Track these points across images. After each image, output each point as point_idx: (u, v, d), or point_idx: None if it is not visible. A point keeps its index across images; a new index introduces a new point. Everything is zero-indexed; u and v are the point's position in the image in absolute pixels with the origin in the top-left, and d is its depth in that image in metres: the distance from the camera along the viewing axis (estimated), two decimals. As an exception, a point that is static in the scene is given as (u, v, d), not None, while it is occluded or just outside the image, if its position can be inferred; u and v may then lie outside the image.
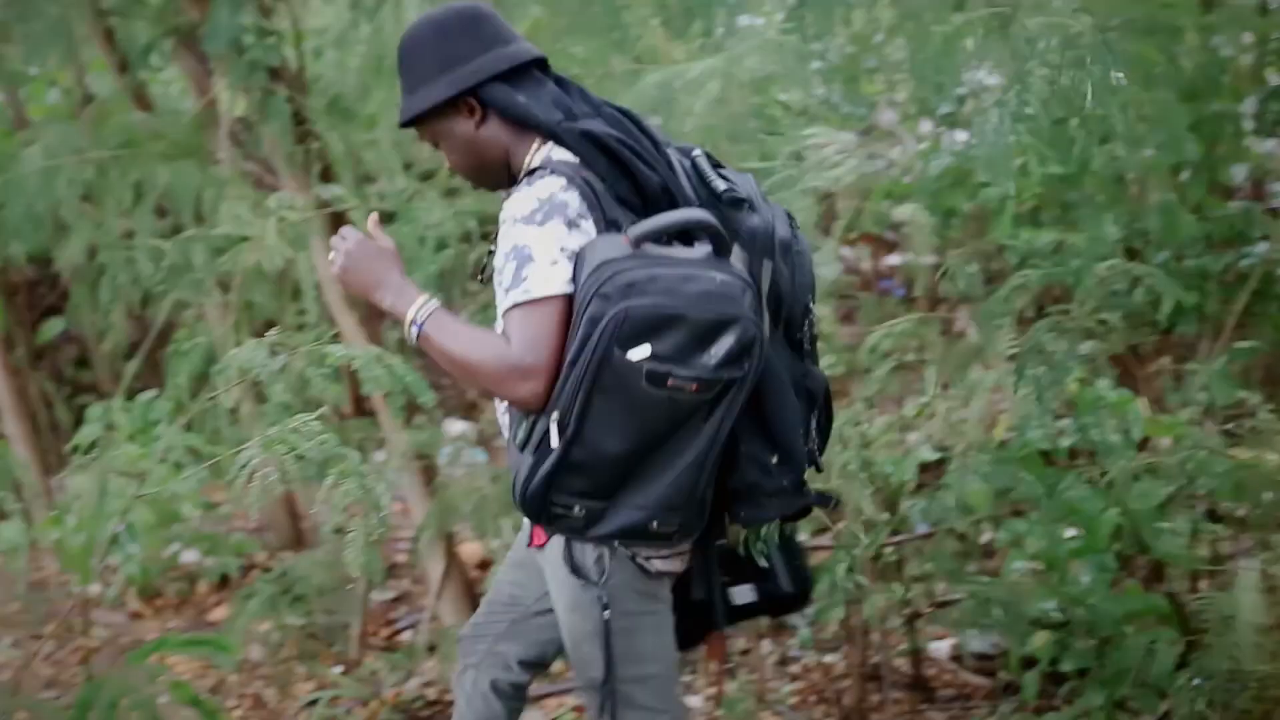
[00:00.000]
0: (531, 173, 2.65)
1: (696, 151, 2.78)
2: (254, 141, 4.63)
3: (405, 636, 5.01)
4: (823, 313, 4.31)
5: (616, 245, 2.52)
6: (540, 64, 2.76)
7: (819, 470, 2.85)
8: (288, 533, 5.66)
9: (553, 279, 2.53)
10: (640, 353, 2.46)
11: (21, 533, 1.59)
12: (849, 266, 5.57)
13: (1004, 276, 4.00)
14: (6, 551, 1.57)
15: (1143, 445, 3.67)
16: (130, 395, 5.74)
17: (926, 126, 4.21)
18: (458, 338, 2.58)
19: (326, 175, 4.70)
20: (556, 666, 4.51)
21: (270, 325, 3.55)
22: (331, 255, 2.74)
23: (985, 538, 4.32)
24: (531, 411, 2.55)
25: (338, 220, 4.43)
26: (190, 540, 5.50)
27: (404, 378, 2.52)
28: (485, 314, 4.11)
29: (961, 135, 3.62)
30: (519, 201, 2.58)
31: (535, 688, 4.42)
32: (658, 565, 2.70)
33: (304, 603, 4.75)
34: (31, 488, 5.16)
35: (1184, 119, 3.47)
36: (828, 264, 5.19)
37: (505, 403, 2.67)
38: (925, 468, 4.09)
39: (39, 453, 5.74)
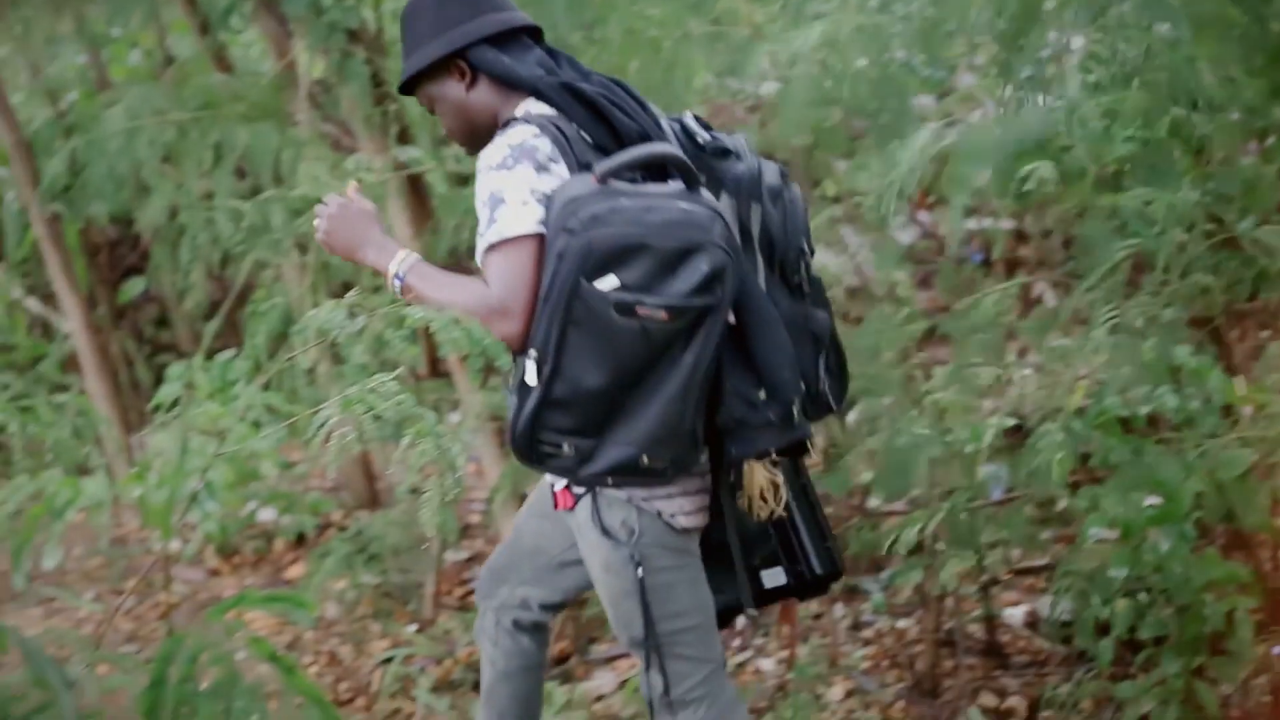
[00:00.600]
0: (507, 124, 2.74)
1: (686, 114, 2.89)
2: (332, 103, 4.64)
3: (478, 596, 5.04)
4: (899, 277, 4.30)
5: (585, 184, 2.59)
6: (532, 33, 2.85)
7: (835, 411, 2.91)
8: (363, 492, 5.70)
9: (524, 218, 2.60)
10: (608, 283, 2.52)
11: (105, 488, 1.62)
12: (927, 231, 5.53)
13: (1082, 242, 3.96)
14: (91, 507, 1.59)
15: (1227, 413, 3.62)
16: (209, 355, 5.80)
17: (1008, 90, 4.16)
18: (439, 285, 2.67)
19: (404, 137, 4.71)
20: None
21: (348, 287, 3.59)
22: (315, 221, 2.83)
23: (1061, 505, 4.28)
24: (514, 351, 2.62)
25: (414, 182, 4.44)
26: (267, 499, 5.56)
27: (482, 340, 2.53)
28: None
29: (1044, 99, 3.58)
30: (491, 150, 2.69)
31: (607, 649, 4.46)
32: (683, 521, 2.76)
33: (379, 562, 4.79)
34: (115, 443, 5.23)
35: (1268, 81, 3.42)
36: (905, 229, 5.16)
37: None
38: (1002, 434, 4.06)
39: (120, 410, 5.81)
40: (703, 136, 2.83)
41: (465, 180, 4.65)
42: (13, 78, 6.08)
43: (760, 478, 2.77)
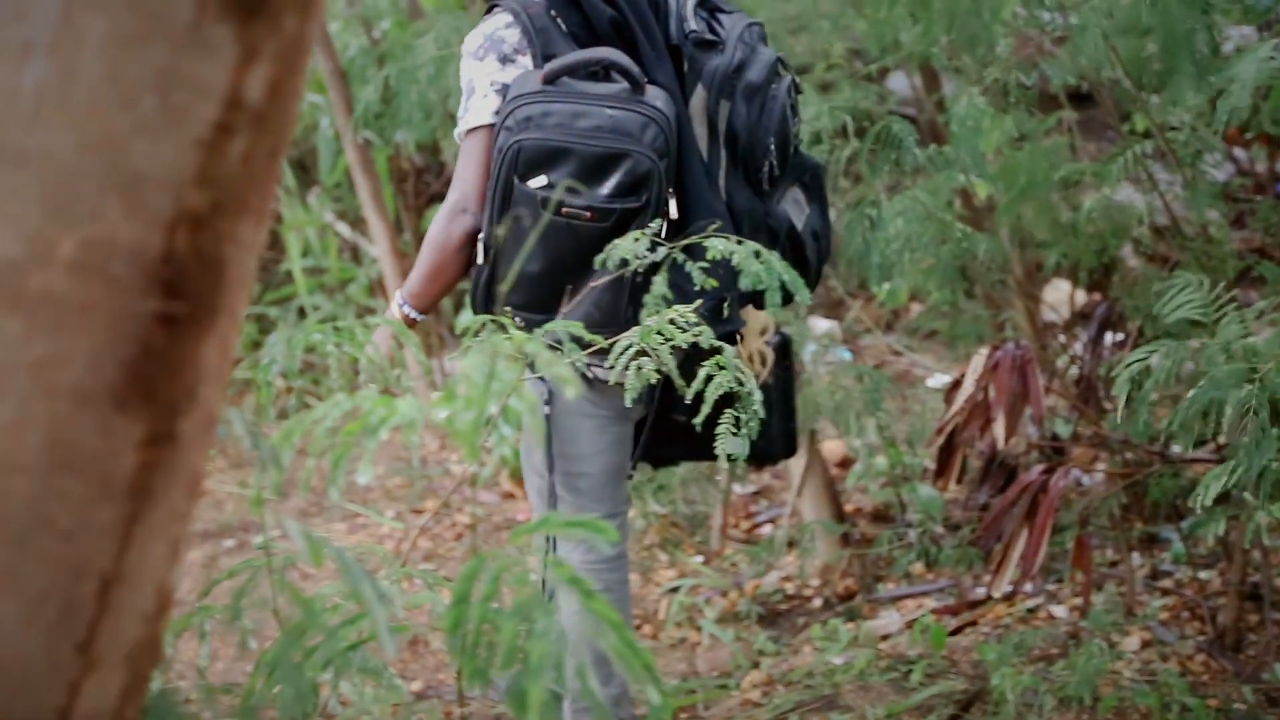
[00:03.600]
0: (493, 7, 2.95)
1: (688, 1, 3.05)
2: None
3: (765, 530, 5.05)
4: (1211, 216, 4.12)
5: (530, 81, 2.82)
6: None
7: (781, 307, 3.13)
8: (653, 422, 5.75)
9: (482, 111, 2.88)
10: (538, 182, 2.78)
11: (416, 409, 1.66)
12: (1242, 168, 5.29)
13: None
14: (403, 426, 1.64)
15: None
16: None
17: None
18: (419, 261, 3.02)
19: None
20: (917, 569, 4.50)
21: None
22: None
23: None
24: (477, 234, 2.91)
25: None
26: (560, 426, 5.65)
27: (781, 274, 2.52)
28: (854, 210, 4.05)
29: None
30: (471, 37, 2.97)
31: (893, 588, 4.42)
32: (599, 373, 2.90)
33: (667, 492, 4.84)
34: (420, 366, 5.37)
35: None
36: (1219, 166, 4.94)
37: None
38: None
39: (421, 335, 5.96)
40: (690, 24, 2.99)
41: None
42: (331, 6, 6.27)
43: (752, 345, 3.22)
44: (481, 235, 2.89)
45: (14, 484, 1.00)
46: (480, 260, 2.91)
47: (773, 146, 3.02)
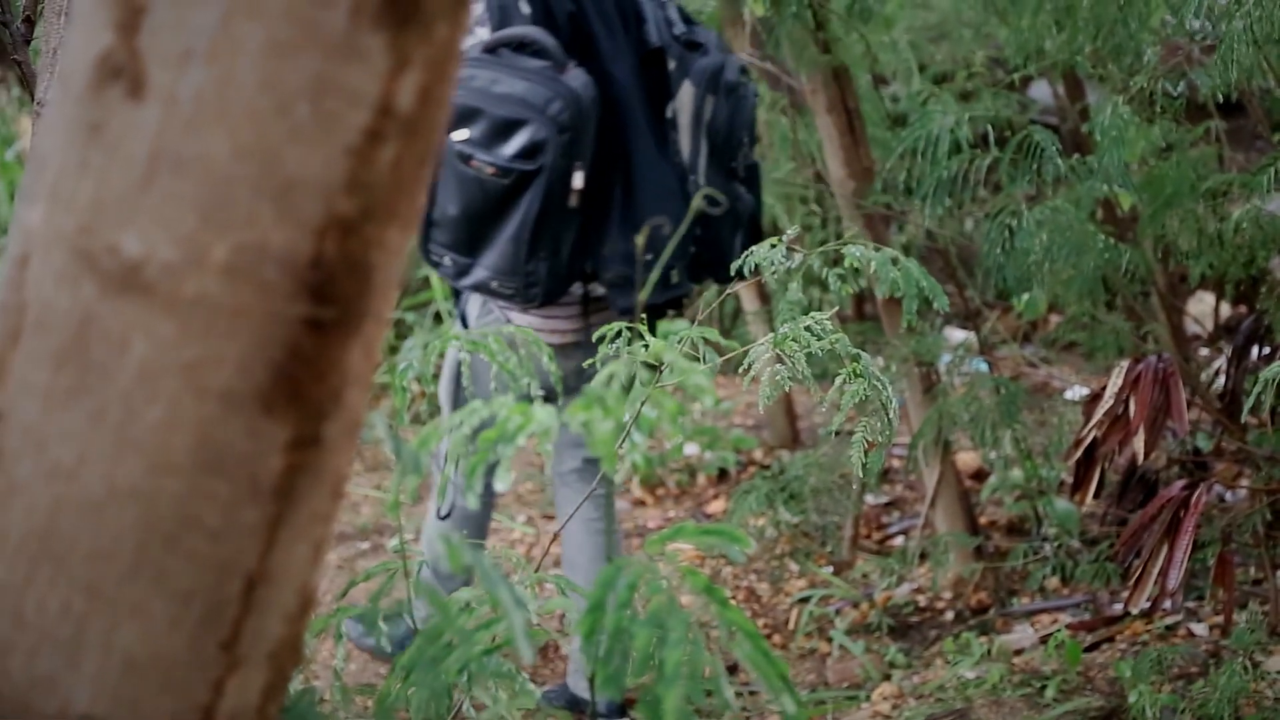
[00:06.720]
0: None
1: (671, 6, 3.42)
2: (772, 43, 4.63)
3: (896, 541, 5.01)
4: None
5: (475, 50, 3.14)
6: None
7: (744, 279, 3.35)
8: (784, 431, 5.74)
9: None
10: (460, 135, 3.10)
11: (551, 415, 1.67)
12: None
13: None
14: (539, 433, 1.65)
15: None
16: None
17: None
18: None
19: (839, 78, 4.66)
20: (1052, 583, 4.43)
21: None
22: None
23: None
24: None
25: (851, 123, 4.37)
26: (691, 434, 5.66)
27: (919, 281, 2.49)
28: (994, 220, 4.01)
29: None
30: None
31: (1027, 603, 4.36)
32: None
33: (799, 501, 4.81)
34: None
35: None
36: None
37: None
38: None
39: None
40: (679, 29, 3.34)
41: (899, 121, 4.59)
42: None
43: None
44: None
45: (164, 484, 1.02)
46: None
47: (745, 140, 3.42)
